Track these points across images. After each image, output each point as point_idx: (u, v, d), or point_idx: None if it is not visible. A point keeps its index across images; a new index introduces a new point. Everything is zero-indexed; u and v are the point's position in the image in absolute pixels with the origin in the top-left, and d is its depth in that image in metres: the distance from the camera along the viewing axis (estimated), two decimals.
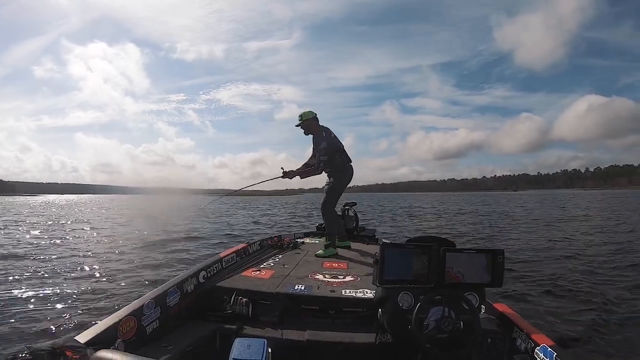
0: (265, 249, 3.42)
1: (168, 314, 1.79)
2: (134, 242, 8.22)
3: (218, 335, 1.81)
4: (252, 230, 11.70)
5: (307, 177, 3.55)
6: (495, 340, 1.67)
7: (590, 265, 5.70)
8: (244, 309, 1.99)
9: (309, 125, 3.41)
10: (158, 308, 1.72)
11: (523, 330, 1.62)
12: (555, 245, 7.88)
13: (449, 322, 1.41)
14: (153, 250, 7.15)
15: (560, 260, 6.14)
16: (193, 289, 2.06)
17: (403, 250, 1.60)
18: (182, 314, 1.91)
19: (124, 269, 5.45)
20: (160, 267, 5.58)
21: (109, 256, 6.58)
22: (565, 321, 3.36)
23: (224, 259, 2.59)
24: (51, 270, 5.35)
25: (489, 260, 1.59)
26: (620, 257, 6.21)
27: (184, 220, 12.95)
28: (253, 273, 2.46)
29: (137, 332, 1.55)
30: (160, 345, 1.59)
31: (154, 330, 1.67)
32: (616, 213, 17.55)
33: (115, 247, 7.68)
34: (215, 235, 9.94)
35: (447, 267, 1.58)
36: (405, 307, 1.57)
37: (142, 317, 1.61)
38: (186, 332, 1.76)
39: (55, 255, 6.58)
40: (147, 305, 1.66)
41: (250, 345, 1.11)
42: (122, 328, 1.47)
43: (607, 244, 7.76)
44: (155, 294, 1.78)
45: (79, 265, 5.67)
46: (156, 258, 6.27)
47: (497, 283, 1.61)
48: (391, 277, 1.59)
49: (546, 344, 1.46)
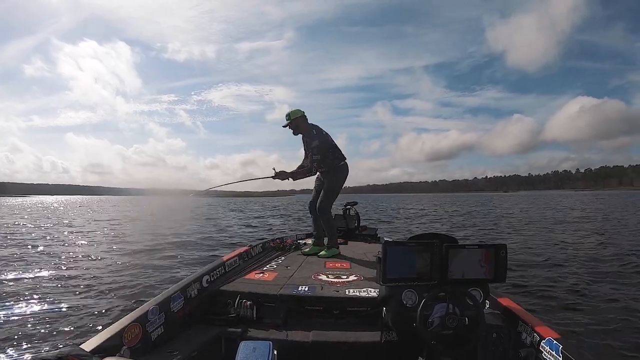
0: (268, 251, 3.41)
1: (172, 319, 1.79)
2: (113, 250, 7.53)
3: (223, 339, 1.81)
4: (249, 234, 11.08)
5: (300, 179, 3.36)
6: (501, 334, 1.67)
7: (594, 263, 5.73)
8: (248, 311, 1.99)
9: (297, 125, 3.22)
10: (162, 314, 1.72)
11: (528, 324, 1.61)
12: (556, 244, 7.89)
13: (454, 318, 1.41)
14: (128, 263, 6.05)
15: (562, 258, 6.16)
16: (197, 294, 2.06)
17: (405, 248, 1.60)
18: (186, 319, 1.91)
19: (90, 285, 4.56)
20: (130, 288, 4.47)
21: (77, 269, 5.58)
22: (570, 314, 3.36)
23: (226, 263, 2.59)
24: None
25: (491, 256, 1.59)
26: (623, 256, 6.23)
27: (174, 224, 12.29)
28: (256, 275, 2.46)
29: (142, 338, 1.55)
30: (165, 351, 1.59)
31: (159, 336, 1.67)
32: (615, 213, 17.45)
33: (90, 256, 6.80)
34: (203, 245, 8.50)
35: (450, 264, 1.59)
36: (410, 304, 1.57)
37: (146, 324, 1.60)
38: (191, 337, 1.76)
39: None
40: (152, 311, 1.66)
41: (255, 348, 1.11)
42: (127, 335, 1.47)
43: (605, 244, 7.75)
44: (159, 299, 1.78)
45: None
46: (133, 275, 5.18)
47: (500, 278, 1.61)
48: (394, 275, 1.59)
49: (552, 337, 1.46)
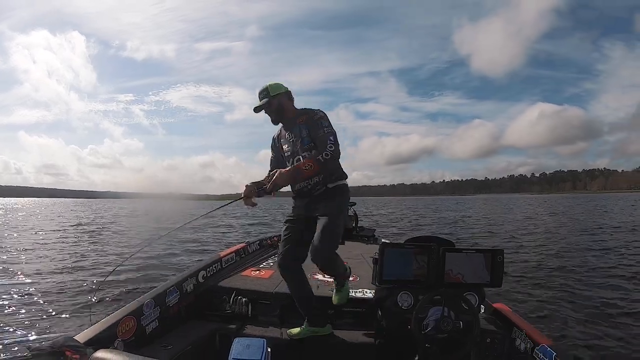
0: (265, 249, 3.41)
1: (167, 313, 1.79)
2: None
3: (218, 335, 1.81)
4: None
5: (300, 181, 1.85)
6: (495, 340, 1.68)
7: (582, 266, 5.73)
8: (243, 308, 1.99)
9: (280, 105, 1.85)
10: (157, 308, 1.72)
11: (522, 330, 1.62)
12: (545, 247, 7.87)
13: (449, 322, 1.41)
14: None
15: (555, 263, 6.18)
16: (192, 289, 2.06)
17: (402, 250, 1.61)
18: (181, 314, 1.91)
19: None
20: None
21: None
22: (564, 321, 3.36)
23: (223, 259, 2.59)
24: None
25: (488, 260, 1.60)
26: (615, 258, 6.26)
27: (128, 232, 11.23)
28: (252, 273, 2.46)
29: (136, 331, 1.55)
30: (159, 345, 1.60)
31: (154, 330, 1.67)
32: (594, 217, 17.19)
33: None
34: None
35: (447, 267, 1.59)
36: (405, 307, 1.57)
37: (141, 317, 1.60)
38: (186, 332, 1.76)
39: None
40: (147, 305, 1.66)
41: (249, 345, 1.11)
42: (121, 328, 1.47)
43: (595, 245, 7.77)
44: (155, 293, 1.78)
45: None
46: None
47: (496, 283, 1.61)
48: (390, 276, 1.59)
49: (545, 343, 1.47)
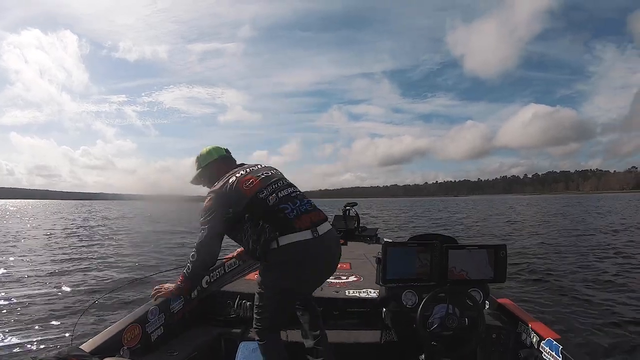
0: None
1: (172, 320, 1.79)
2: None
3: (223, 340, 1.81)
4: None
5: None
6: (501, 335, 1.67)
7: (587, 263, 5.79)
8: (248, 312, 1.98)
9: (212, 175, 1.65)
10: (162, 314, 1.72)
11: (528, 324, 1.61)
12: (549, 245, 7.98)
13: (454, 319, 1.41)
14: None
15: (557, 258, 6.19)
16: (196, 294, 2.05)
17: (405, 249, 1.61)
18: (186, 320, 1.91)
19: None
20: None
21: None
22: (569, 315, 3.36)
23: (226, 264, 2.58)
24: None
25: (491, 256, 1.59)
26: (616, 257, 6.29)
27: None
28: (256, 276, 2.46)
29: (142, 339, 1.55)
30: (165, 351, 1.60)
31: (159, 336, 1.66)
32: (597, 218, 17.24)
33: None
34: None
35: (450, 264, 1.59)
36: (409, 305, 1.57)
37: (146, 324, 1.60)
38: (191, 338, 1.76)
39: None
40: (151, 312, 1.65)
41: (255, 349, 1.11)
42: (126, 336, 1.47)
43: (598, 245, 7.81)
44: (159, 300, 1.78)
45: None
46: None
47: (500, 278, 1.61)
48: (394, 275, 1.59)
49: (552, 337, 1.46)
